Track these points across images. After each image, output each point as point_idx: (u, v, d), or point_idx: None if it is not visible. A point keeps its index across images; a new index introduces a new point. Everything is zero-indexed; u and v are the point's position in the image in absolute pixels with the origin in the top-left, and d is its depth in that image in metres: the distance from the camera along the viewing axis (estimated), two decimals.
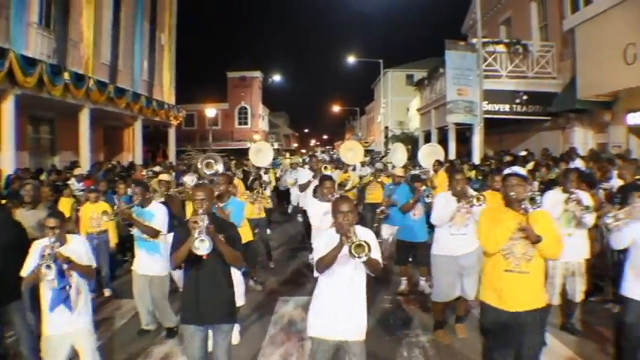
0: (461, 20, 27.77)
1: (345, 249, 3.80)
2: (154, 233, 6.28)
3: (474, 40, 17.03)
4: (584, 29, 14.16)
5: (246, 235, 8.31)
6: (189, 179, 7.44)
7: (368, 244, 3.70)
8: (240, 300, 6.17)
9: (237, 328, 6.30)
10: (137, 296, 6.59)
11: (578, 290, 6.27)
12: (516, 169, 4.55)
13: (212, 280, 4.38)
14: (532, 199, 4.07)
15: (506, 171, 4.55)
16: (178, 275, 7.78)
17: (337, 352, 4.27)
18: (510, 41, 17.78)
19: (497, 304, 4.33)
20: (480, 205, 5.87)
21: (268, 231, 11.72)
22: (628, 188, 7.39)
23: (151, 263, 6.44)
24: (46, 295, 4.61)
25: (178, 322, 6.47)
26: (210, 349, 4.67)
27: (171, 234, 4.55)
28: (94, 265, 4.96)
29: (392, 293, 8.48)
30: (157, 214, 6.42)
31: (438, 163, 11.77)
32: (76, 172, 13.15)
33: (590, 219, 6.09)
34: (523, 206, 4.08)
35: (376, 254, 4.03)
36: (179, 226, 5.60)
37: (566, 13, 15.24)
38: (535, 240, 4.09)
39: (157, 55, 26.71)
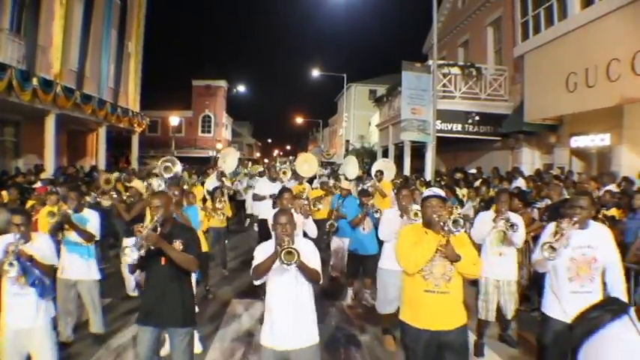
0: (424, 39, 28.64)
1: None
2: (90, 237, 6.38)
3: (430, 62, 17.78)
4: (532, 56, 15.10)
5: (202, 244, 8.82)
6: (156, 183, 7.63)
7: (297, 252, 3.88)
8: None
9: (196, 336, 6.35)
10: (62, 305, 6.39)
11: (510, 308, 6.49)
12: (435, 190, 4.62)
13: (167, 284, 4.47)
14: (455, 222, 4.08)
15: (426, 192, 4.60)
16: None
17: None
18: (464, 64, 18.63)
19: (416, 324, 4.33)
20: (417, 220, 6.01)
21: (226, 241, 12.09)
22: (552, 208, 8.23)
23: (82, 268, 6.46)
24: (7, 289, 4.71)
25: (104, 329, 6.72)
26: (164, 352, 4.89)
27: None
28: (57, 264, 5.06)
29: (339, 303, 8.79)
30: (90, 219, 6.56)
31: (380, 173, 11.90)
32: (42, 176, 13.45)
33: (518, 238, 6.37)
34: (446, 228, 4.08)
35: (315, 264, 4.24)
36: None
37: (517, 40, 16.16)
38: (454, 259, 4.16)
39: (124, 62, 26.86)
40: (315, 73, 42.73)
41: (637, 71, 10.44)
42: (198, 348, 6.34)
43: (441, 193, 4.55)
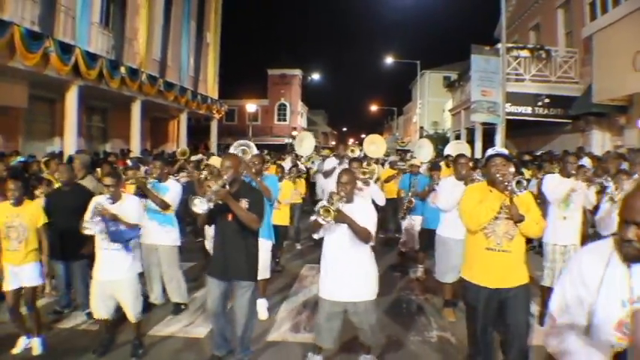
0: (495, 24, 28.46)
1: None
2: (164, 205, 6.55)
3: (499, 45, 17.87)
4: (600, 37, 14.97)
5: (283, 217, 8.89)
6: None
7: (336, 212, 4.10)
8: (265, 273, 6.57)
9: (264, 305, 6.72)
10: (146, 268, 6.82)
11: None
12: (499, 149, 4.59)
13: (235, 240, 4.77)
14: (519, 182, 4.10)
15: (490, 151, 4.58)
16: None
17: (345, 312, 4.58)
18: (534, 47, 18.59)
19: (477, 281, 4.40)
20: None
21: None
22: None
23: (161, 234, 6.74)
24: (99, 244, 5.16)
25: (187, 299, 7.00)
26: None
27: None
28: (142, 224, 5.41)
29: (407, 276, 8.95)
30: (171, 188, 6.80)
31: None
32: (132, 156, 14.74)
33: (592, 197, 6.27)
34: (509, 188, 4.11)
35: (366, 223, 4.39)
36: None
37: (586, 21, 16.08)
38: (518, 219, 4.19)
39: (203, 52, 28.20)
40: (389, 60, 42.64)
41: None
42: (264, 315, 6.63)
43: (505, 151, 4.59)
